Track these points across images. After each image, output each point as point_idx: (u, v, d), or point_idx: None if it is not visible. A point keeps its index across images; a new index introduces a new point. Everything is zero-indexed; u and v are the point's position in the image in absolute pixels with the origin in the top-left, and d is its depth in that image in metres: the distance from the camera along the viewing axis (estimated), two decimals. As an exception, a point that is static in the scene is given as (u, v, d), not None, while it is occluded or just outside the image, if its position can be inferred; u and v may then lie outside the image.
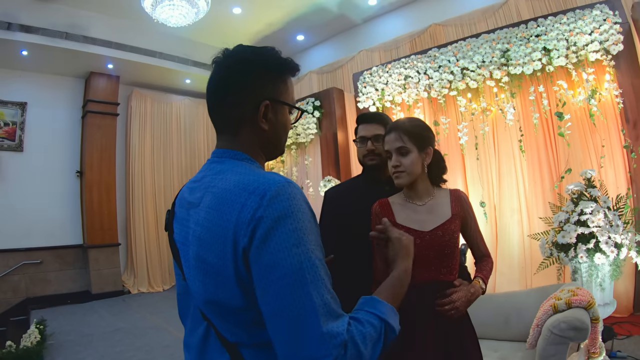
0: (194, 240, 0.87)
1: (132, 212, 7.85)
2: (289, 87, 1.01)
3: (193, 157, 8.80)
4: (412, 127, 1.57)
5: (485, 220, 4.64)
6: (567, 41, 3.92)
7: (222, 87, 0.96)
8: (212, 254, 0.82)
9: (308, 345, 0.73)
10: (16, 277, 6.58)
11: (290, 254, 0.75)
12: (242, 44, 1.00)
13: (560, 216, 2.89)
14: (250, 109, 0.94)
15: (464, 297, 1.48)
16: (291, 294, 0.74)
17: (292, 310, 0.74)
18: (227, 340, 0.86)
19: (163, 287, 7.90)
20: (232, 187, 0.84)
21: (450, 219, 1.59)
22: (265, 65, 0.97)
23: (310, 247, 0.78)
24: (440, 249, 1.54)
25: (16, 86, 6.82)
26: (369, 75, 5.62)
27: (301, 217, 0.79)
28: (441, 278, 1.55)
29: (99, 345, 4.66)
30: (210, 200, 0.86)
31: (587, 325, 2.02)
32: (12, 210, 6.60)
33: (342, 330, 0.76)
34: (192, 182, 0.98)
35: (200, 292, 0.86)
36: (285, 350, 0.76)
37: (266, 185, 0.80)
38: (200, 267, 0.84)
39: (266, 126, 0.96)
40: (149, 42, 7.05)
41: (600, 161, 3.88)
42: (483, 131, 4.62)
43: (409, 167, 1.55)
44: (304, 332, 0.74)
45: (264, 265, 0.76)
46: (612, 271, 2.72)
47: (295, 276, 0.75)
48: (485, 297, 2.97)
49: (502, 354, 2.54)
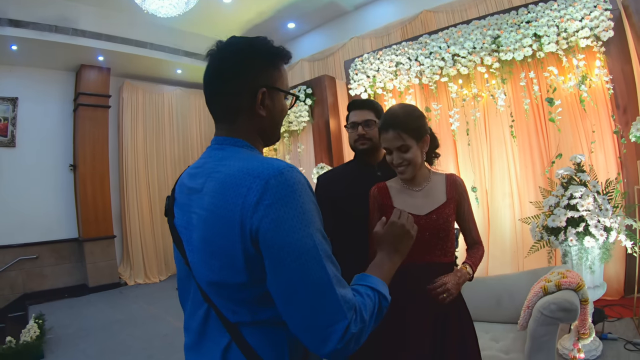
0: (199, 224, 0.90)
1: (126, 204, 7.84)
2: (282, 74, 1.04)
3: (186, 147, 8.79)
4: (409, 121, 1.58)
5: (477, 205, 4.70)
6: (558, 27, 3.94)
7: (218, 77, 0.99)
8: (218, 236, 0.85)
9: (328, 313, 0.80)
10: (13, 273, 6.57)
11: (302, 234, 0.81)
12: (235, 36, 1.03)
13: (550, 200, 2.94)
14: (247, 97, 0.98)
15: (454, 281, 1.53)
16: (308, 270, 0.81)
17: (310, 285, 0.81)
18: (228, 321, 0.90)
19: (159, 278, 7.93)
20: (236, 172, 0.87)
21: (445, 203, 1.64)
22: (258, 54, 1.00)
23: (316, 226, 0.85)
24: (435, 232, 1.60)
25: (6, 81, 6.73)
26: (360, 63, 5.62)
27: (305, 199, 0.85)
28: (435, 260, 1.62)
29: (98, 336, 4.72)
30: (215, 185, 0.89)
31: (577, 306, 2.08)
32: (6, 206, 6.57)
33: (352, 297, 0.84)
34: (192, 169, 1.02)
35: (204, 274, 0.90)
36: (306, 322, 0.82)
37: (270, 170, 0.84)
38: (206, 249, 0.88)
39: (264, 112, 1.00)
40: (139, 33, 6.96)
41: (591, 146, 3.93)
42: (474, 117, 4.66)
43: (412, 160, 1.59)
44: (324, 302, 0.81)
45: (277, 247, 0.81)
46: (602, 254, 2.78)
47: (310, 254, 0.81)
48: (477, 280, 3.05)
49: (493, 335, 2.61)
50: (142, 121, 8.14)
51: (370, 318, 0.87)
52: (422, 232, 1.57)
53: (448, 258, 1.64)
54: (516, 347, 2.35)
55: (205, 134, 9.10)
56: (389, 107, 1.77)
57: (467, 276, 1.60)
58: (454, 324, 1.59)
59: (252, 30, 7.80)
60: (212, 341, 0.93)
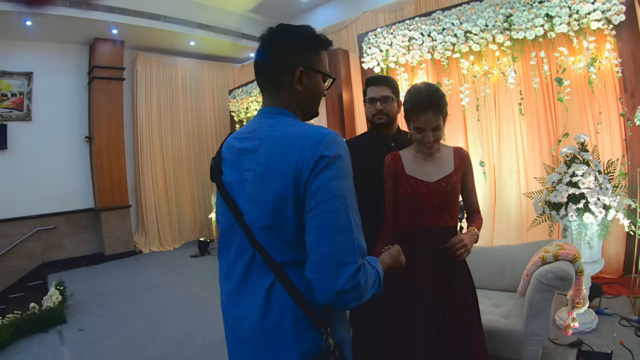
0: (255, 178, 1.07)
1: (141, 174, 8.04)
2: (322, 58, 1.19)
3: (199, 118, 8.92)
4: (442, 102, 1.73)
5: (484, 180, 4.82)
6: (570, 9, 3.94)
7: (265, 56, 1.17)
8: (274, 186, 1.03)
9: (344, 252, 0.97)
10: (31, 243, 6.83)
11: (339, 183, 0.99)
12: (284, 23, 1.21)
13: (553, 177, 3.07)
14: (287, 74, 1.14)
15: (469, 239, 1.73)
16: (337, 211, 0.97)
17: (336, 223, 0.97)
18: (273, 261, 1.07)
19: (173, 246, 8.19)
20: (290, 135, 1.05)
21: (453, 172, 1.81)
22: (300, 38, 1.17)
23: (350, 182, 1.03)
24: (443, 198, 1.78)
25: (21, 56, 6.83)
26: (374, 37, 5.64)
27: (347, 160, 1.03)
28: (442, 223, 1.80)
29: (116, 302, 4.96)
30: (270, 146, 1.06)
31: (572, 276, 2.24)
32: (24, 178, 6.78)
33: (364, 247, 1.02)
34: (242, 133, 1.19)
35: (258, 219, 1.07)
36: (324, 256, 0.97)
37: (321, 134, 1.02)
38: (263, 198, 1.05)
39: (301, 89, 1.16)
40: (153, 6, 7.00)
41: (597, 127, 4.00)
42: (484, 93, 4.73)
43: (439, 137, 1.76)
44: (343, 241, 0.97)
45: (317, 188, 0.98)
46: (600, 231, 2.91)
47: (341, 200, 0.98)
48: (482, 250, 3.24)
49: (495, 301, 2.78)
50: (156, 93, 8.27)
51: (371, 286, 1.03)
52: (431, 197, 1.77)
53: (453, 222, 1.83)
54: (515, 312, 2.53)
55: (218, 105, 9.19)
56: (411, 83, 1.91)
57: (476, 236, 1.79)
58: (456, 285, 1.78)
59: (265, 3, 7.81)
60: (255, 283, 1.10)
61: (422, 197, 1.76)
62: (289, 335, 1.05)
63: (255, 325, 1.08)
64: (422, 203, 1.77)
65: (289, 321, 1.05)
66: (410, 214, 1.81)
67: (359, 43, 5.90)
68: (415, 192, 1.77)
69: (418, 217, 1.79)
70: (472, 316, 1.80)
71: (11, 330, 3.92)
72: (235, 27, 8.27)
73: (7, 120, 6.70)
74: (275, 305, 1.06)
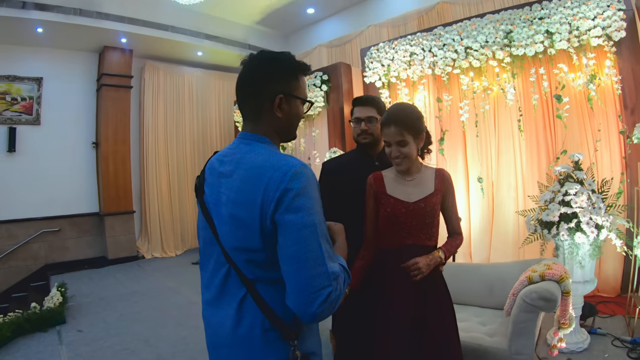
0: (228, 202, 1.14)
1: (146, 181, 8.14)
2: (300, 84, 1.25)
3: (205, 128, 9.01)
4: (410, 120, 1.77)
5: (482, 196, 4.82)
6: (570, 25, 3.97)
7: (246, 83, 1.23)
8: (244, 212, 1.09)
9: (318, 279, 1.03)
10: (36, 244, 6.95)
11: (307, 216, 1.05)
12: (265, 50, 1.25)
13: (546, 195, 3.06)
14: (267, 100, 1.19)
15: (425, 262, 1.73)
16: (308, 243, 1.04)
17: (308, 254, 1.04)
18: (245, 277, 1.14)
19: (176, 252, 8.26)
20: (260, 164, 1.11)
21: (432, 193, 1.83)
22: (280, 65, 1.21)
23: (319, 212, 1.09)
24: (421, 218, 1.80)
25: (32, 62, 7.01)
26: (376, 51, 5.72)
27: (313, 191, 1.09)
28: (420, 243, 1.82)
29: (117, 306, 5.02)
30: (243, 173, 1.13)
31: (556, 296, 2.23)
32: (31, 181, 6.92)
33: (337, 270, 1.08)
34: (222, 156, 1.24)
35: (231, 241, 1.15)
36: (301, 283, 1.04)
37: (288, 166, 1.08)
38: (234, 222, 1.12)
39: (280, 114, 1.21)
40: (161, 16, 7.13)
41: (596, 145, 3.99)
42: (484, 109, 4.75)
43: (408, 154, 1.78)
44: (317, 269, 1.04)
45: (289, 223, 1.04)
46: (592, 251, 2.89)
47: (311, 229, 1.05)
48: (473, 267, 3.23)
49: (483, 319, 2.77)
50: (163, 101, 8.39)
51: (344, 286, 1.12)
52: (410, 217, 1.79)
53: (432, 242, 1.84)
54: (501, 331, 2.52)
55: (223, 115, 9.29)
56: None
57: (438, 260, 1.79)
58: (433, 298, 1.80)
59: (272, 15, 7.90)
60: (231, 294, 1.17)
61: (401, 217, 1.79)
62: (258, 345, 1.12)
63: (229, 333, 1.16)
64: (400, 223, 1.80)
65: (258, 332, 1.12)
66: (390, 233, 1.83)
67: (362, 57, 5.97)
68: (394, 212, 1.80)
69: (397, 236, 1.81)
70: (448, 327, 1.82)
71: (12, 328, 4.03)
72: (242, 39, 8.39)
73: (16, 124, 6.85)
74: (246, 317, 1.14)
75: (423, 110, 5.40)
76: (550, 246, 3.17)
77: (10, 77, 6.81)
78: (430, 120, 5.36)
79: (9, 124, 6.78)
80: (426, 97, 5.38)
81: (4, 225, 6.69)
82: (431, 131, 5.37)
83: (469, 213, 5.05)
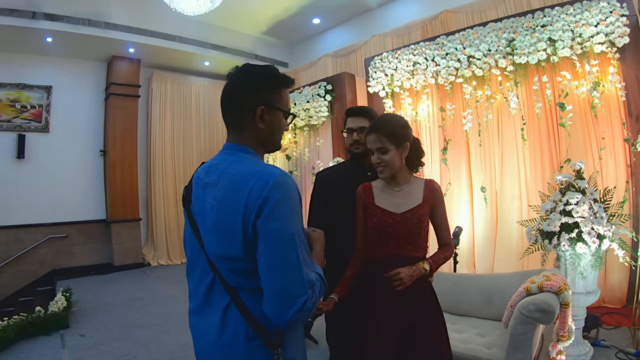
0: (212, 211, 1.17)
1: (152, 189, 8.22)
2: (283, 97, 1.28)
3: (212, 136, 9.07)
4: (390, 128, 1.77)
5: (486, 205, 4.77)
6: (573, 32, 3.94)
7: (230, 95, 1.25)
8: (227, 220, 1.12)
9: (294, 287, 1.07)
10: (43, 250, 7.04)
11: (286, 224, 1.07)
12: (249, 63, 1.30)
13: (547, 205, 3.01)
14: (250, 112, 1.22)
15: (407, 273, 1.71)
16: (286, 251, 1.07)
17: (286, 262, 1.07)
18: (229, 285, 1.17)
19: (181, 260, 8.27)
20: (243, 174, 1.14)
21: (420, 204, 1.82)
22: (262, 78, 1.25)
23: (298, 221, 1.11)
24: (408, 229, 1.78)
25: (42, 71, 7.15)
26: (379, 61, 5.73)
27: (293, 200, 1.12)
28: (407, 254, 1.80)
29: (119, 312, 5.04)
30: (226, 182, 1.15)
31: (554, 308, 2.18)
32: (39, 187, 7.03)
33: (313, 278, 1.11)
34: (207, 166, 1.27)
35: (215, 249, 1.17)
36: (278, 290, 1.07)
37: (269, 175, 1.10)
38: (217, 231, 1.15)
39: (262, 126, 1.24)
40: (168, 27, 7.24)
41: (600, 153, 3.94)
42: (487, 118, 4.71)
43: (389, 162, 1.77)
44: (293, 277, 1.07)
45: (269, 231, 1.07)
46: (594, 261, 2.83)
47: (289, 239, 1.07)
48: (471, 278, 3.19)
49: (481, 330, 2.73)
50: (170, 111, 8.48)
51: (319, 294, 1.14)
52: (397, 228, 1.78)
53: (419, 253, 1.82)
54: (499, 343, 2.47)
55: (230, 124, 9.34)
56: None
57: (422, 271, 1.76)
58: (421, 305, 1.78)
59: (278, 25, 7.97)
60: (215, 302, 1.19)
61: (388, 228, 1.78)
62: (242, 352, 1.14)
63: (214, 340, 1.18)
64: (387, 233, 1.79)
65: (242, 340, 1.14)
66: (377, 243, 1.83)
67: (366, 67, 5.98)
68: (381, 222, 1.79)
69: (384, 246, 1.80)
70: (437, 339, 1.80)
71: (16, 331, 4.10)
72: (249, 49, 8.47)
73: (25, 131, 6.98)
74: (230, 325, 1.16)
75: (426, 120, 5.38)
76: (552, 257, 3.11)
77: (20, 85, 6.95)
78: (433, 129, 5.34)
79: (19, 131, 6.91)
80: (429, 107, 5.36)
81: (12, 230, 6.79)
82: (434, 141, 5.35)
83: (472, 223, 5.00)
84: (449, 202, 5.11)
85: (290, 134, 7.17)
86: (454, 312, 3.06)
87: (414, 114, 5.44)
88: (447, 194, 5.11)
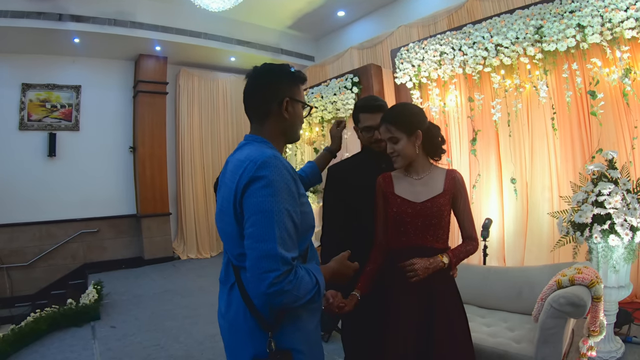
0: (219, 193, 1.34)
1: (182, 184, 8.38)
2: (300, 91, 1.42)
3: (239, 131, 9.13)
4: (399, 117, 1.77)
5: (516, 197, 4.67)
6: (602, 18, 3.78)
7: (254, 90, 1.38)
8: (225, 200, 1.27)
9: (267, 260, 1.10)
10: (75, 244, 7.31)
11: (267, 200, 1.14)
12: (266, 62, 1.42)
13: (578, 196, 2.92)
14: (275, 104, 1.35)
15: (423, 264, 1.69)
16: (263, 224, 1.13)
17: (262, 234, 1.12)
18: (233, 264, 1.30)
19: (210, 254, 8.44)
20: (243, 158, 1.25)
21: (441, 193, 1.79)
22: (283, 74, 1.38)
23: (281, 200, 1.16)
24: (428, 219, 1.76)
25: (70, 71, 7.38)
26: (406, 52, 5.64)
27: (279, 179, 1.17)
28: (426, 244, 1.77)
29: (149, 304, 5.20)
30: (231, 166, 1.30)
31: (585, 302, 2.12)
32: (71, 184, 7.28)
33: (290, 259, 1.13)
34: (230, 156, 1.40)
35: (221, 228, 1.33)
36: (252, 262, 1.12)
37: (259, 157, 1.20)
38: (220, 210, 1.31)
39: (287, 116, 1.36)
40: (194, 24, 7.33)
41: (633, 142, 3.79)
42: (516, 108, 4.59)
43: (401, 151, 1.77)
44: (266, 251, 1.11)
45: (251, 205, 1.16)
46: (627, 254, 2.74)
47: (267, 214, 1.13)
48: (500, 271, 3.14)
49: (510, 324, 2.68)
50: (198, 106, 8.62)
51: (304, 293, 1.17)
52: (416, 217, 1.76)
53: (440, 244, 1.78)
54: (529, 337, 2.42)
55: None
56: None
57: (440, 264, 1.72)
58: (440, 305, 1.74)
59: (303, 19, 7.96)
60: (228, 279, 1.34)
61: (407, 217, 1.75)
62: (243, 330, 1.25)
63: (223, 314, 1.34)
64: (406, 223, 1.76)
65: (242, 318, 1.25)
66: (397, 233, 1.80)
67: (392, 58, 5.91)
68: (400, 212, 1.77)
69: (404, 236, 1.78)
70: (459, 333, 1.77)
71: (48, 322, 4.27)
72: (275, 43, 8.49)
73: (56, 130, 7.25)
74: (234, 303, 1.28)
75: (454, 111, 5.28)
76: (584, 249, 3.03)
77: (50, 85, 7.20)
78: (462, 120, 5.24)
79: (49, 130, 7.18)
80: (457, 97, 5.26)
81: (45, 225, 7.06)
82: (463, 131, 5.23)
83: (502, 215, 4.90)
84: (479, 193, 5.03)
85: (317, 127, 7.16)
86: (483, 305, 3.01)
87: (442, 104, 5.35)
88: (477, 186, 5.03)
